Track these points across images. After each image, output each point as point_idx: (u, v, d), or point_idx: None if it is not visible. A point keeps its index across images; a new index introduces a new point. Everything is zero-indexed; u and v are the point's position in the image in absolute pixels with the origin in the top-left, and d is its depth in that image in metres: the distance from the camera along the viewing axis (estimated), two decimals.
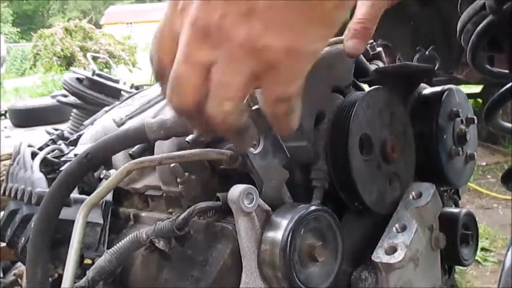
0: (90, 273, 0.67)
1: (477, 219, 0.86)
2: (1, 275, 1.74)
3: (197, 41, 0.39)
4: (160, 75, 0.43)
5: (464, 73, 3.24)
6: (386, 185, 0.71)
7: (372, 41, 0.95)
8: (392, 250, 0.64)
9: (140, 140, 0.71)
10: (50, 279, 0.75)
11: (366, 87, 0.85)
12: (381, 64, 0.94)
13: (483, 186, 3.39)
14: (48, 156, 0.98)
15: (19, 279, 1.63)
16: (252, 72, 0.39)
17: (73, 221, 0.71)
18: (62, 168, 0.94)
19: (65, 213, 0.73)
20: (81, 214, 0.64)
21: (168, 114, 0.71)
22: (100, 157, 0.67)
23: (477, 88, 4.54)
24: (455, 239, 0.80)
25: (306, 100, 0.66)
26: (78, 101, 1.66)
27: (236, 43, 0.38)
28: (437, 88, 0.86)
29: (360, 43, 0.63)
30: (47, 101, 5.62)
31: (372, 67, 0.89)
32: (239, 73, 0.39)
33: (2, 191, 0.95)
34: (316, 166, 0.68)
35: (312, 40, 0.39)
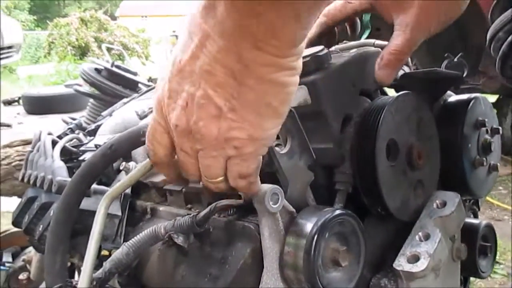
0: (107, 264, 0.66)
1: None
2: (11, 260, 1.76)
3: (182, 138, 0.51)
4: (157, 163, 0.57)
5: (481, 82, 3.20)
6: (410, 192, 0.70)
7: None
8: (415, 258, 0.63)
9: None
10: None
11: (389, 92, 0.84)
12: (407, 69, 0.92)
13: (494, 197, 3.35)
14: (67, 145, 0.98)
15: (27, 265, 1.64)
16: (226, 156, 0.51)
17: (92, 212, 0.71)
18: (81, 158, 0.94)
19: (84, 204, 0.73)
20: (103, 205, 0.64)
21: None
22: (124, 149, 0.67)
23: (492, 98, 4.49)
24: (473, 251, 0.79)
25: (334, 101, 0.66)
26: (95, 91, 1.67)
27: (211, 138, 0.49)
28: (463, 96, 0.84)
29: (392, 73, 0.69)
30: (60, 89, 5.68)
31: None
32: (216, 158, 0.51)
33: (20, 178, 0.95)
34: (341, 169, 0.67)
35: (266, 129, 0.50)
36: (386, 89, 0.83)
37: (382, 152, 0.65)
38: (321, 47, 0.68)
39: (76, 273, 1.02)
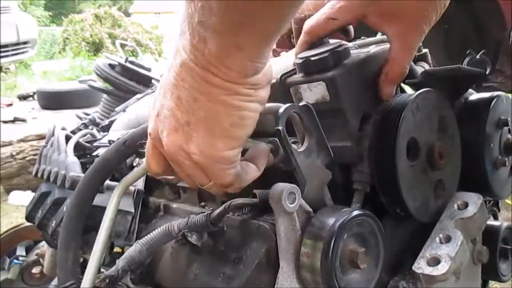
0: (120, 262, 0.65)
1: None
2: (24, 254, 1.77)
3: (158, 146, 0.54)
4: (153, 174, 0.60)
5: (498, 80, 3.14)
6: (431, 193, 0.68)
7: None
8: (435, 261, 0.61)
9: None
10: None
11: (407, 89, 0.82)
12: (426, 66, 0.90)
13: (510, 198, 3.29)
14: (81, 140, 0.98)
15: (41, 259, 1.65)
16: (197, 167, 0.52)
17: (105, 208, 0.70)
18: (94, 153, 0.94)
19: (97, 200, 0.72)
20: (117, 193, 0.63)
21: None
22: (138, 145, 0.66)
23: None
24: (494, 253, 0.77)
25: (353, 98, 0.64)
26: (109, 87, 1.67)
27: (171, 149, 0.51)
28: (485, 94, 0.82)
29: (395, 87, 0.69)
30: (75, 85, 5.73)
31: (418, 68, 0.85)
32: (191, 168, 0.52)
33: (34, 172, 0.95)
34: (359, 168, 0.65)
35: (218, 149, 0.50)
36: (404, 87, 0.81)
37: (402, 151, 0.63)
38: (340, 42, 0.66)
39: None
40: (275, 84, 0.68)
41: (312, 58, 0.64)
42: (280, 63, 0.78)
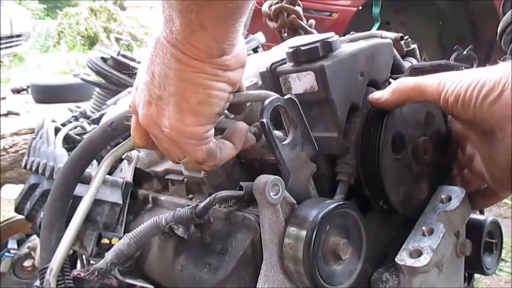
0: (108, 255, 0.66)
1: None
2: (16, 247, 1.77)
3: (136, 115, 0.56)
4: (137, 147, 0.64)
5: None
6: (414, 187, 0.68)
7: (407, 37, 0.92)
8: (417, 253, 0.62)
9: None
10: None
11: None
12: (415, 61, 0.91)
13: None
14: (70, 132, 0.98)
15: (32, 252, 1.65)
16: (171, 141, 0.54)
17: None
18: None
19: (82, 190, 0.72)
20: (105, 163, 0.64)
21: None
22: (124, 127, 0.66)
23: None
24: (478, 247, 0.78)
25: (341, 90, 0.64)
26: (101, 80, 1.66)
27: (145, 121, 0.54)
28: None
29: None
30: (69, 79, 5.69)
31: (406, 63, 0.86)
32: (167, 142, 0.54)
33: (23, 164, 0.95)
34: (344, 159, 0.65)
35: (186, 124, 0.52)
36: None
37: (388, 144, 0.64)
38: (331, 33, 0.66)
39: (79, 261, 1.02)
40: (265, 73, 0.69)
41: (302, 48, 0.64)
42: (270, 57, 0.79)
